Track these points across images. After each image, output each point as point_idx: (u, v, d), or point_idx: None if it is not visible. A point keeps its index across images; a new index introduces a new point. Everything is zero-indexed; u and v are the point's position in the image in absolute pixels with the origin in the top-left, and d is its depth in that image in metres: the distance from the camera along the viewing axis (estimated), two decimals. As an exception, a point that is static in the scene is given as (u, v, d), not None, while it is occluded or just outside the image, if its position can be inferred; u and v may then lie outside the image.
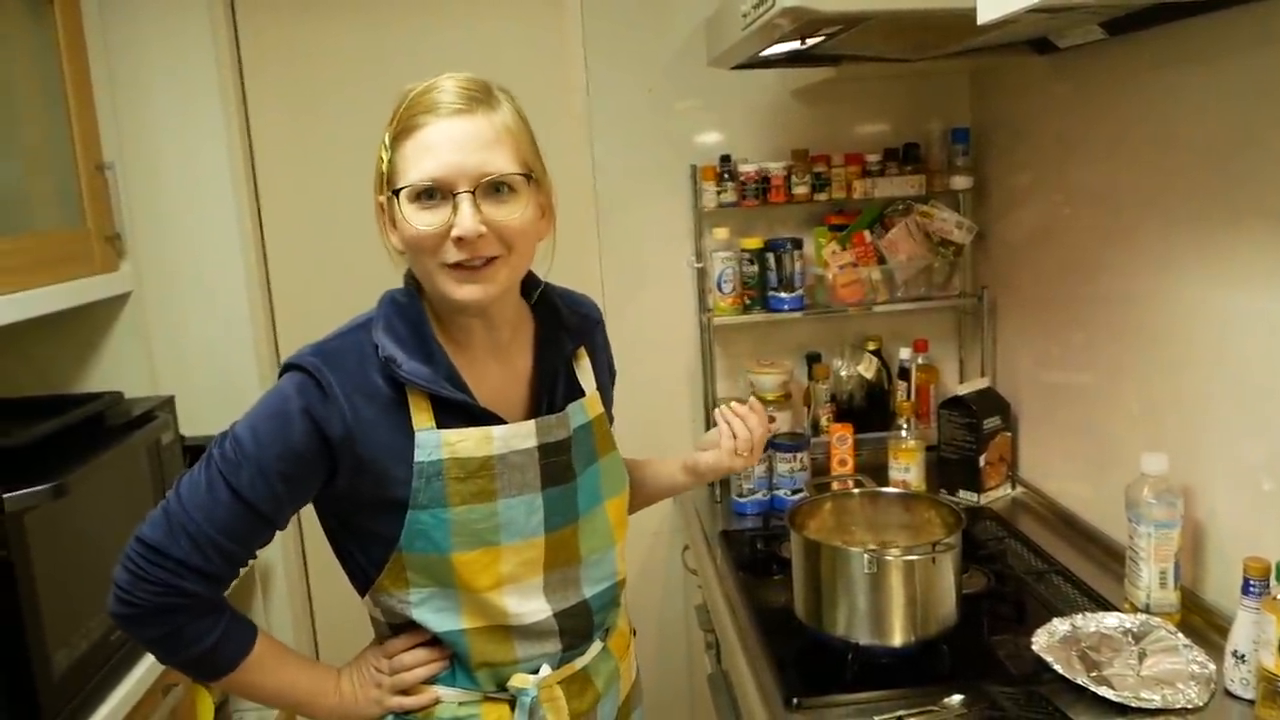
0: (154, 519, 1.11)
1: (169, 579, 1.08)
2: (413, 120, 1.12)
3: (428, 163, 1.10)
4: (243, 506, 1.10)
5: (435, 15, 2.31)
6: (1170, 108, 1.60)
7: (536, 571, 1.21)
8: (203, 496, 1.10)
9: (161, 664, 1.18)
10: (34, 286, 1.71)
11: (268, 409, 1.12)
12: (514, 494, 1.18)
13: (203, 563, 1.09)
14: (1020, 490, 2.19)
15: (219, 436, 1.13)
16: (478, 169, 1.10)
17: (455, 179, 1.09)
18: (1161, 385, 1.66)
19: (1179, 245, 1.59)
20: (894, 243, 2.28)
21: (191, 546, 1.09)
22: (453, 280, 1.12)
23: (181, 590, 1.09)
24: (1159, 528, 1.51)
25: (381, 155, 1.16)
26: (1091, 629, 1.48)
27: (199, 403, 2.21)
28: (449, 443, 1.14)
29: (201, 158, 2.20)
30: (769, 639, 1.59)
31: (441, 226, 1.10)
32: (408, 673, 1.22)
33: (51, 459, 1.51)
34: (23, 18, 1.80)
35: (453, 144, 1.10)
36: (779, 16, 1.40)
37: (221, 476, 1.10)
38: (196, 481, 1.11)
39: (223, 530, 1.09)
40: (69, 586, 1.50)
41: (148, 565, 1.08)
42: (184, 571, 1.09)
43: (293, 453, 1.10)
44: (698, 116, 2.37)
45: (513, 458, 1.17)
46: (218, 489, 1.09)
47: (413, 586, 1.18)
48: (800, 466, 2.16)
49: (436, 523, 1.14)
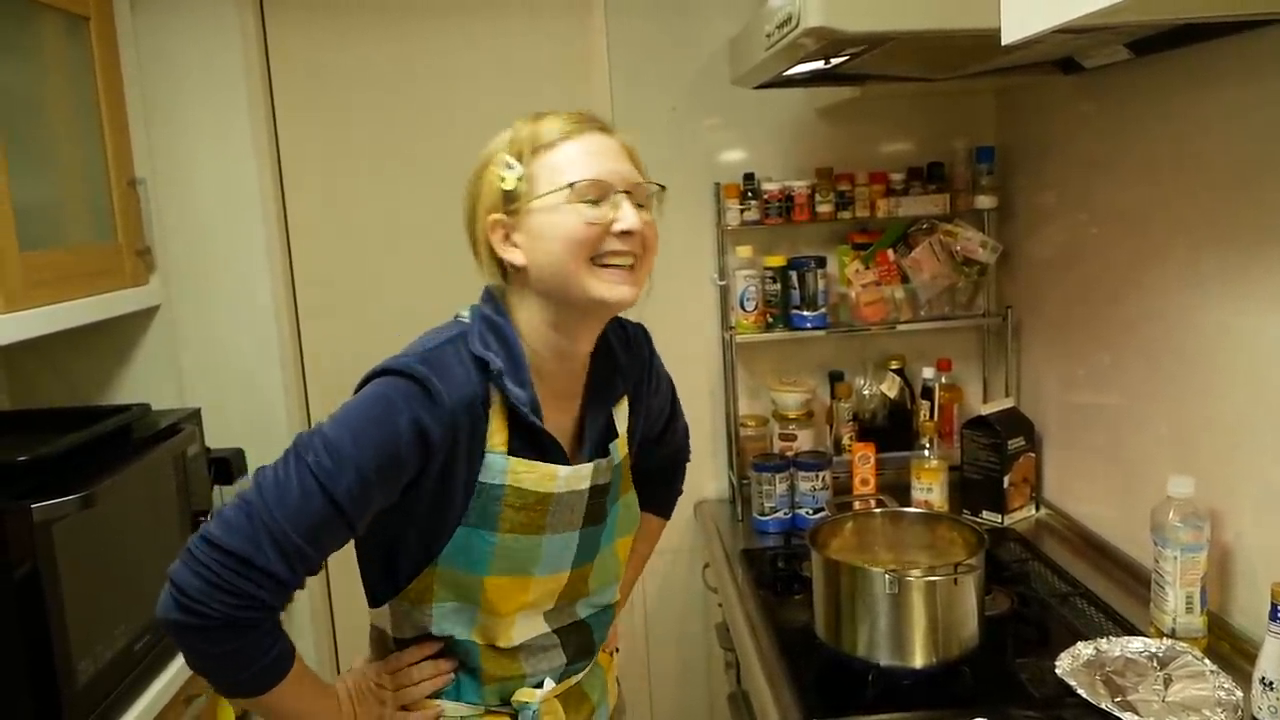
0: (235, 524, 1.03)
1: (252, 590, 1.01)
2: (549, 137, 1.16)
3: (585, 166, 1.14)
4: (335, 513, 1.05)
5: (462, 34, 2.34)
6: (1197, 128, 1.59)
7: (551, 600, 1.24)
8: (294, 502, 1.03)
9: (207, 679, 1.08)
10: (66, 300, 1.74)
11: (372, 414, 1.08)
12: (559, 531, 1.20)
13: (287, 574, 1.03)
14: (1045, 512, 2.17)
15: (305, 442, 1.07)
16: (630, 175, 1.17)
17: (614, 180, 1.15)
18: (1188, 407, 1.65)
19: (1206, 266, 1.58)
20: (918, 262, 2.27)
21: (278, 556, 1.02)
22: (605, 282, 1.14)
23: (262, 604, 1.02)
24: (1185, 551, 1.49)
25: (500, 176, 1.16)
26: (1116, 653, 1.46)
27: (225, 415, 2.23)
28: (515, 471, 1.15)
29: (231, 173, 2.22)
30: (789, 658, 1.58)
31: (604, 220, 1.13)
32: (414, 686, 1.22)
33: (79, 470, 1.53)
34: (59, 37, 1.83)
35: (603, 151, 1.16)
36: (803, 36, 1.40)
37: (317, 482, 1.04)
38: (287, 489, 1.04)
39: (310, 539, 1.04)
40: (94, 597, 1.52)
41: (229, 574, 1.00)
42: (267, 583, 1.02)
43: (394, 460, 1.07)
44: (721, 135, 2.37)
45: (567, 497, 1.19)
46: (312, 495, 1.04)
47: (437, 600, 1.19)
48: (822, 485, 2.15)
49: (481, 544, 1.15)
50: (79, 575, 1.47)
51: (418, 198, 2.38)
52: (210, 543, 1.02)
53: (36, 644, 1.38)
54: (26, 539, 1.36)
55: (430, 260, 2.39)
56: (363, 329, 2.41)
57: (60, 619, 1.41)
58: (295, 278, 2.38)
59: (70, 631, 1.43)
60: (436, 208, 2.38)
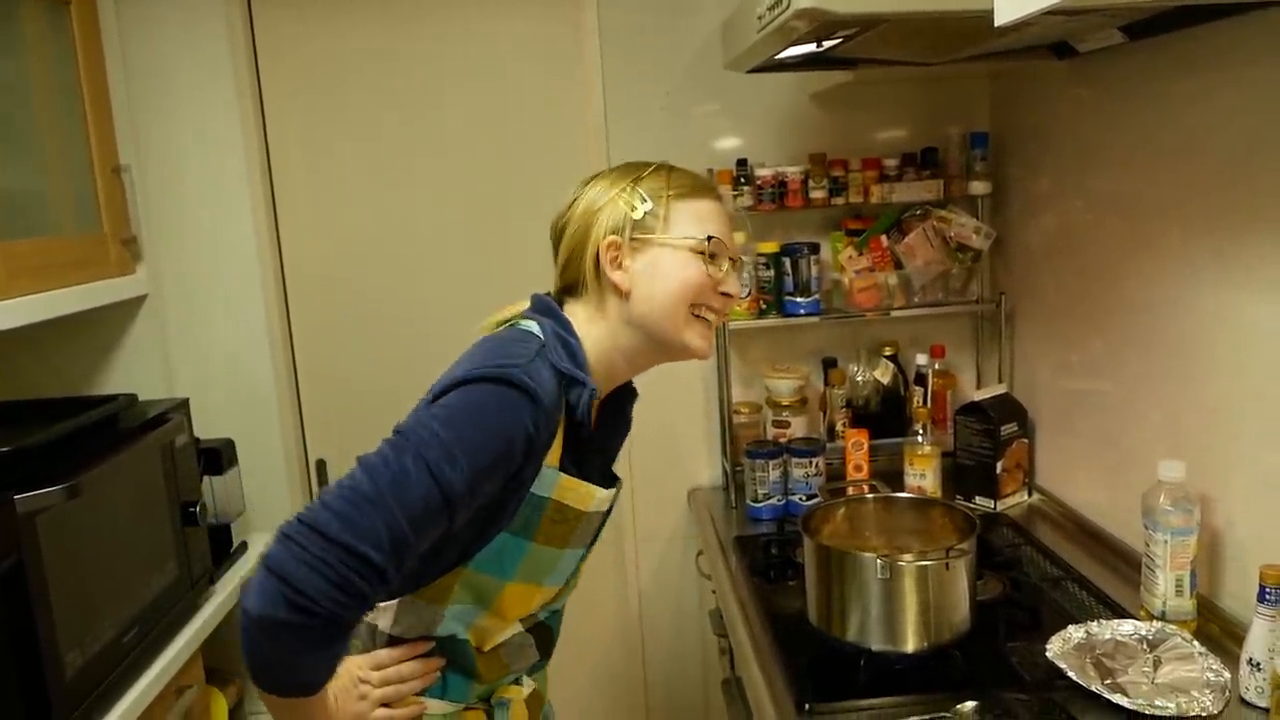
0: (359, 522, 0.97)
1: (365, 589, 0.96)
2: (692, 191, 1.25)
3: (718, 226, 1.24)
4: (445, 517, 1.03)
5: (452, 19, 2.32)
6: (1191, 113, 1.58)
7: (538, 609, 1.29)
8: (416, 503, 1.00)
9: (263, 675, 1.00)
10: (50, 289, 1.72)
11: (493, 422, 1.07)
12: (575, 548, 1.24)
13: (394, 576, 0.99)
14: (1037, 497, 2.17)
15: (423, 441, 1.03)
16: (739, 250, 1.34)
17: (733, 247, 1.26)
18: (1180, 393, 1.64)
19: (1199, 252, 1.57)
20: (911, 248, 2.26)
21: (393, 557, 0.98)
22: (698, 333, 1.24)
23: (365, 604, 0.98)
24: (1175, 535, 1.49)
25: (634, 205, 1.22)
26: (1106, 636, 1.46)
27: (214, 405, 2.22)
28: (563, 486, 1.18)
29: (218, 160, 2.21)
30: (782, 644, 1.58)
31: (719, 278, 1.23)
32: (403, 684, 1.22)
33: (65, 460, 1.52)
34: (40, 21, 1.81)
35: (723, 217, 1.27)
36: (794, 18, 1.39)
37: (437, 485, 1.01)
38: (406, 486, 1.00)
39: (420, 540, 1.01)
40: (82, 588, 1.51)
41: (350, 573, 0.95)
42: (378, 584, 0.98)
43: (503, 469, 1.08)
44: (715, 120, 2.36)
45: (592, 517, 1.23)
46: (431, 497, 1.01)
47: (454, 601, 1.20)
48: (815, 472, 2.15)
49: (516, 549, 1.17)
50: (65, 566, 1.46)
51: (408, 185, 2.36)
52: (325, 536, 0.95)
53: (23, 636, 1.37)
54: (10, 530, 1.35)
55: (420, 248, 2.38)
56: (352, 317, 2.39)
57: (46, 611, 1.40)
58: (284, 266, 2.36)
59: (57, 623, 1.42)
60: (426, 195, 2.37)
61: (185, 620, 1.84)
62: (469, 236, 2.37)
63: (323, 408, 2.42)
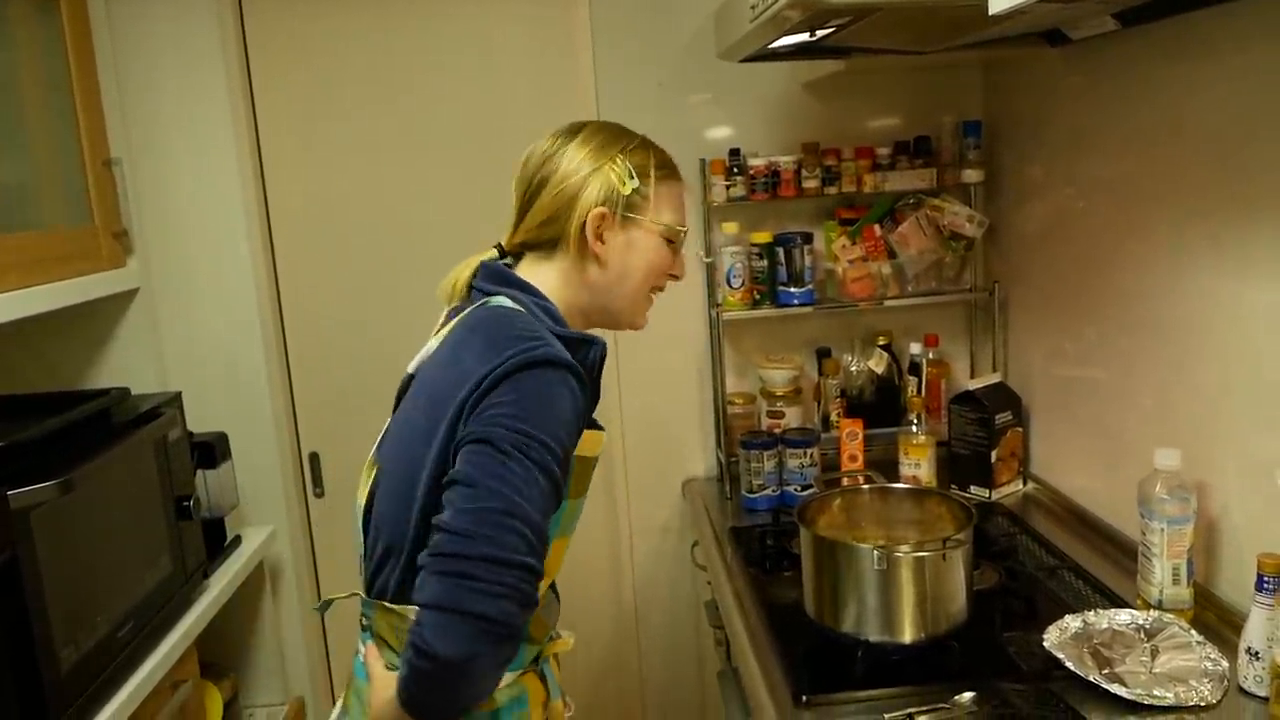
0: (497, 537, 1.01)
1: (535, 597, 1.04)
2: (669, 173, 1.32)
3: (682, 212, 1.33)
4: (556, 502, 1.10)
5: (444, 10, 2.30)
6: (1184, 100, 1.58)
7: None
8: (540, 501, 1.05)
9: (458, 707, 1.06)
10: (41, 283, 1.71)
11: (561, 404, 1.11)
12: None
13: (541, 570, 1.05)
14: (1032, 486, 2.17)
15: (520, 443, 1.06)
16: None
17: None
18: (1175, 380, 1.64)
19: (1193, 239, 1.57)
20: (905, 237, 2.26)
21: (542, 555, 1.05)
22: (645, 308, 1.34)
23: (534, 608, 1.04)
24: (1172, 524, 1.49)
25: (625, 180, 1.26)
26: (1104, 626, 1.46)
27: (208, 399, 2.21)
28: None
29: (209, 153, 2.19)
30: (778, 635, 1.58)
31: (674, 261, 1.33)
32: None
33: (58, 455, 1.51)
34: (29, 12, 1.79)
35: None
36: (787, 8, 1.38)
37: (552, 482, 1.07)
38: (532, 490, 1.05)
39: (548, 533, 1.08)
40: (76, 583, 1.50)
41: (524, 585, 1.01)
42: (536, 582, 1.03)
43: (574, 442, 1.15)
44: (707, 110, 2.35)
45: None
46: (549, 494, 1.07)
47: None
48: (810, 462, 2.15)
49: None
50: (59, 562, 1.45)
51: (400, 177, 2.35)
52: (498, 562, 0.99)
53: (17, 632, 1.36)
54: (4, 526, 1.34)
55: (413, 240, 2.37)
56: (345, 310, 2.38)
57: (41, 606, 1.39)
58: (276, 258, 2.35)
59: (51, 618, 1.41)
60: (419, 187, 2.36)
61: (180, 615, 1.83)
62: (461, 229, 2.36)
63: (315, 401, 2.41)
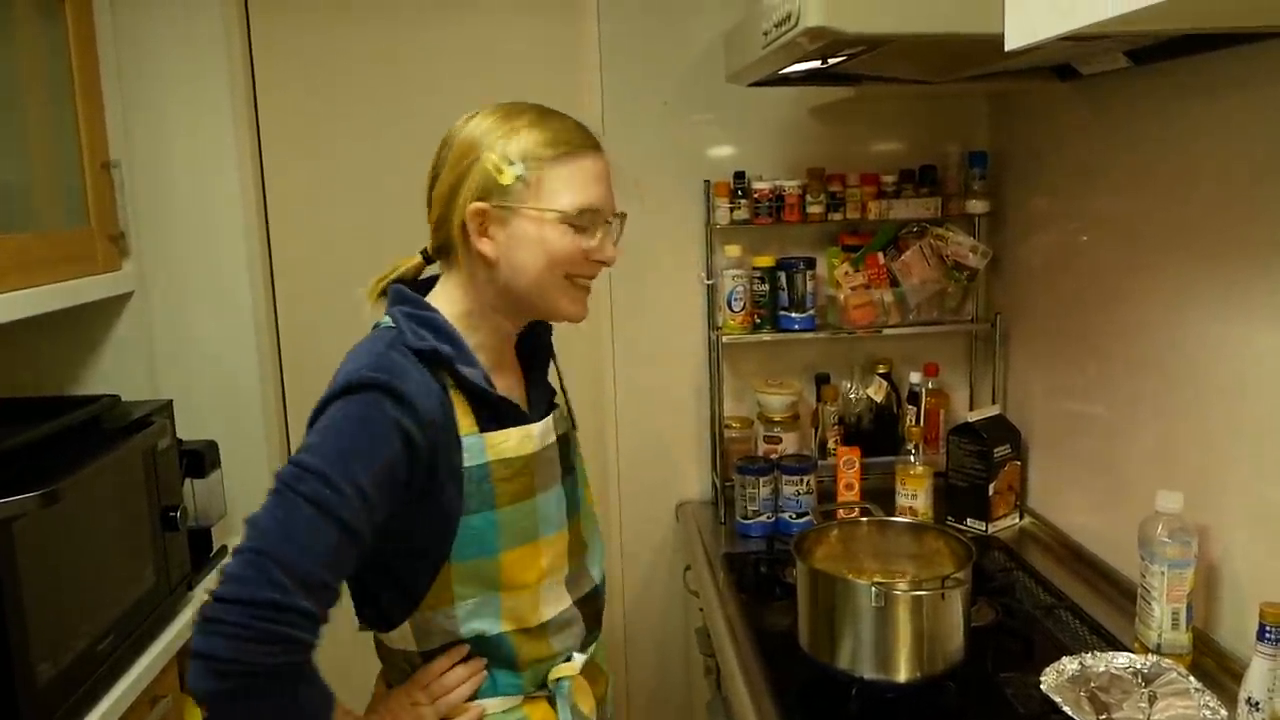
0: (245, 576, 0.98)
1: (288, 632, 0.98)
2: (556, 149, 1.18)
3: (586, 192, 1.18)
4: (346, 537, 1.03)
5: (450, 23, 2.29)
6: (1194, 138, 1.57)
7: (564, 563, 1.27)
8: (302, 536, 1.01)
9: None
10: (36, 285, 1.69)
11: (356, 430, 1.08)
12: (547, 488, 1.23)
13: (315, 608, 1.00)
14: (1029, 520, 2.16)
15: (293, 475, 1.04)
16: (614, 205, 1.23)
17: (606, 209, 1.21)
18: (1177, 420, 1.63)
19: (1199, 278, 1.56)
20: (908, 265, 2.25)
21: (302, 591, 0.99)
22: (572, 299, 1.22)
23: (301, 644, 0.99)
24: (1172, 567, 1.47)
25: (502, 170, 1.17)
26: (1101, 669, 1.44)
27: (198, 406, 2.18)
28: (493, 444, 1.18)
29: (209, 157, 2.17)
30: (771, 666, 1.56)
31: (591, 248, 1.20)
32: (452, 693, 1.21)
33: (44, 464, 1.48)
34: (33, 13, 1.77)
35: (601, 177, 1.21)
36: (801, 36, 1.37)
37: (320, 510, 1.01)
38: (289, 524, 1.01)
39: (327, 568, 1.02)
40: (57, 596, 1.47)
41: (261, 623, 0.96)
42: (301, 622, 0.99)
43: (389, 471, 1.08)
44: (713, 131, 2.34)
45: (545, 453, 1.23)
46: (318, 525, 1.01)
47: (459, 599, 1.19)
48: (806, 489, 2.13)
49: (486, 525, 1.17)
50: (41, 574, 1.42)
51: (400, 187, 2.33)
52: (227, 601, 0.97)
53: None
54: (-14, 535, 1.32)
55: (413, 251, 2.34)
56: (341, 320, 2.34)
57: (19, 619, 1.36)
58: (273, 266, 2.33)
59: (30, 632, 1.38)
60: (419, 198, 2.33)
61: (161, 628, 1.80)
62: (462, 242, 2.34)
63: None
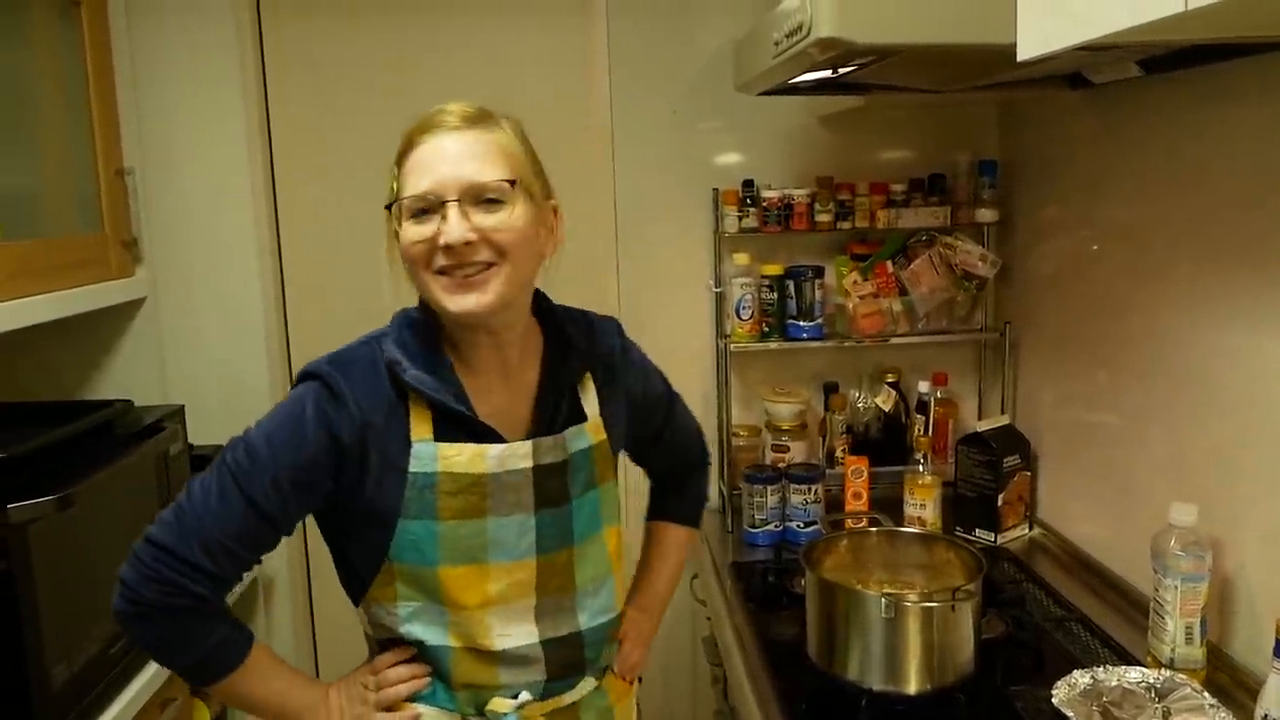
0: (165, 520, 1.12)
1: (177, 579, 1.09)
2: (410, 141, 1.16)
3: (420, 178, 1.12)
4: (253, 512, 1.11)
5: (460, 30, 2.30)
6: (1205, 147, 1.57)
7: (528, 594, 1.22)
8: (215, 502, 1.11)
9: (160, 665, 1.21)
10: (49, 291, 1.69)
11: (282, 415, 1.15)
12: (505, 514, 1.19)
13: (211, 566, 1.10)
14: (1038, 531, 2.15)
15: (231, 442, 1.14)
16: (465, 178, 1.11)
17: (444, 189, 1.11)
18: (1189, 431, 1.63)
19: (1210, 287, 1.56)
20: (916, 274, 2.25)
21: (201, 550, 1.10)
22: (447, 292, 1.13)
23: (188, 591, 1.10)
24: (1186, 581, 1.47)
25: (392, 178, 1.17)
26: (1113, 683, 1.43)
27: (209, 411, 2.18)
28: (444, 456, 1.16)
29: (222, 164, 2.18)
30: (778, 677, 1.56)
31: (431, 236, 1.11)
32: (391, 689, 1.22)
33: (58, 468, 1.49)
34: (50, 20, 1.78)
35: (444, 157, 1.13)
36: (813, 46, 1.37)
37: (234, 482, 1.11)
38: (209, 487, 1.12)
39: (232, 535, 1.11)
40: (70, 599, 1.48)
41: (157, 565, 1.09)
42: (192, 573, 1.10)
43: (305, 458, 1.12)
44: (721, 139, 2.34)
45: (506, 477, 1.18)
46: (230, 495, 1.11)
47: (401, 599, 1.19)
48: (814, 498, 2.13)
49: (426, 534, 1.16)
50: (54, 577, 1.43)
51: (412, 195, 2.34)
52: (146, 539, 1.11)
53: (8, 647, 1.34)
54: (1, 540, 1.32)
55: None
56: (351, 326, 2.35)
57: (34, 622, 1.37)
58: (284, 273, 2.34)
59: (44, 635, 1.39)
60: (431, 205, 2.34)
61: (172, 632, 1.81)
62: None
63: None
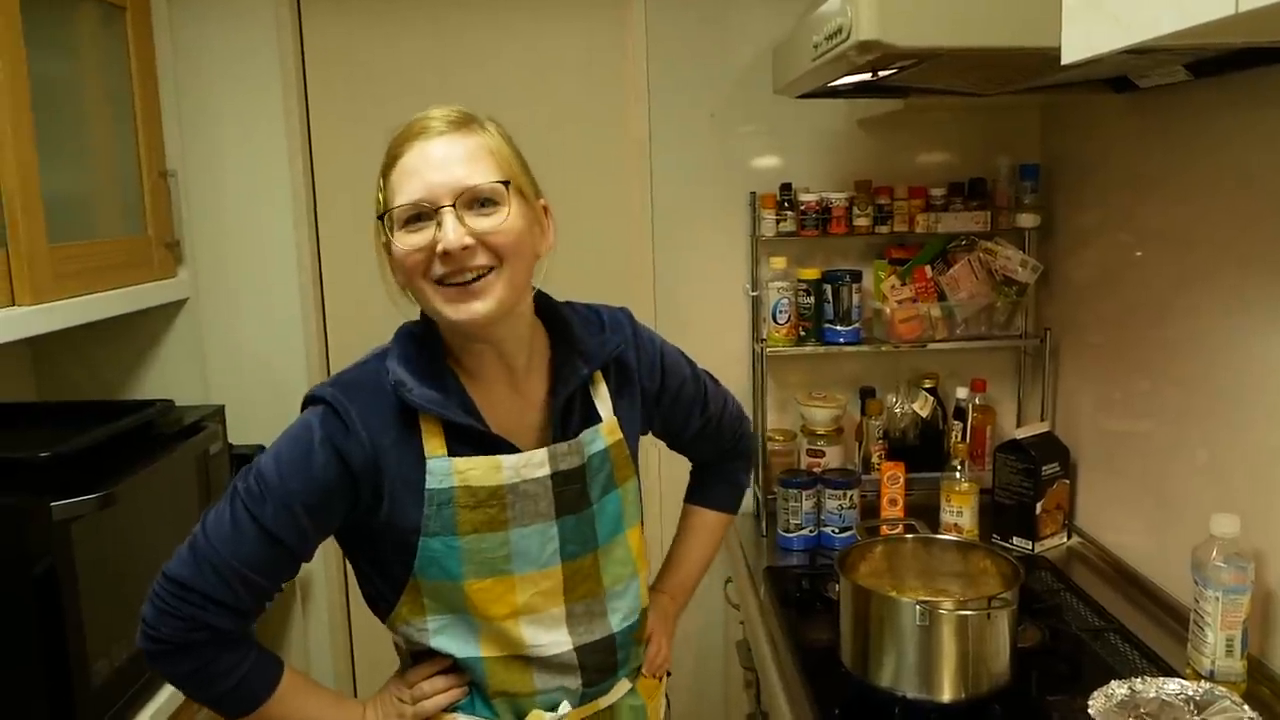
0: (180, 555, 1.11)
1: (195, 614, 1.08)
2: (390, 152, 1.15)
3: (411, 186, 1.10)
4: (267, 540, 1.10)
5: (499, 32, 2.31)
6: (1252, 151, 1.54)
7: (557, 602, 1.21)
8: (228, 531, 1.10)
9: (193, 700, 1.19)
10: (94, 292, 1.73)
11: (290, 442, 1.13)
12: (526, 524, 1.17)
13: (229, 597, 1.09)
14: (1076, 540, 2.12)
15: (243, 471, 1.13)
16: (458, 183, 1.09)
17: (437, 196, 1.09)
18: (1231, 439, 1.60)
19: (1255, 293, 1.53)
20: (955, 279, 2.23)
21: (218, 581, 1.09)
22: (447, 301, 1.11)
23: (207, 625, 1.09)
24: (1228, 593, 1.44)
25: (379, 190, 1.16)
26: (1151, 695, 1.41)
27: (249, 410, 2.21)
28: (459, 470, 1.14)
29: (262, 167, 2.21)
30: (812, 682, 1.55)
31: (427, 244, 1.09)
32: (427, 700, 1.21)
33: (101, 467, 1.52)
34: (95, 26, 1.82)
35: (432, 164, 1.10)
36: (853, 49, 1.37)
37: (246, 511, 1.10)
38: (221, 516, 1.11)
39: (248, 564, 1.10)
40: (112, 595, 1.51)
41: (174, 600, 1.08)
42: (210, 606, 1.09)
43: (316, 484, 1.11)
44: (759, 142, 2.34)
45: (525, 487, 1.17)
46: (242, 523, 1.10)
47: (429, 614, 1.19)
48: (849, 504, 2.11)
49: (448, 550, 1.15)
50: (97, 574, 1.46)
51: (449, 197, 2.35)
52: (163, 574, 1.10)
53: (52, 643, 1.37)
54: (45, 537, 1.35)
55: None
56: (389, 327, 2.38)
57: (76, 618, 1.40)
58: (323, 274, 2.36)
59: (86, 631, 1.42)
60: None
61: (211, 628, 1.83)
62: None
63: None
